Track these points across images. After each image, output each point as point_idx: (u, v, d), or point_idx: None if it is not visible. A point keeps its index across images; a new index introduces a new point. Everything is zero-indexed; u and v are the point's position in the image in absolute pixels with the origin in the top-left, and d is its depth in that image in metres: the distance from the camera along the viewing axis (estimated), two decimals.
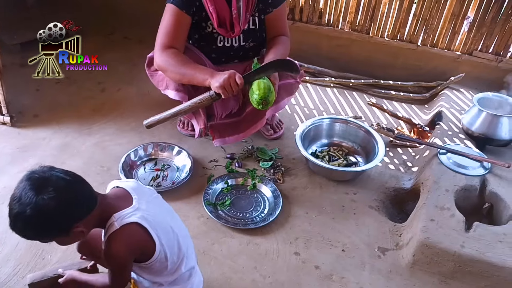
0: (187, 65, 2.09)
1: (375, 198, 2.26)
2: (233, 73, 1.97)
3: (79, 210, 1.27)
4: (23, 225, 1.22)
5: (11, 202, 1.22)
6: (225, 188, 2.25)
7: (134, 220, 1.32)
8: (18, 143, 2.42)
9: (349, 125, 2.56)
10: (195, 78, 2.06)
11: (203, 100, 2.06)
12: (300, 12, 3.20)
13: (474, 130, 2.39)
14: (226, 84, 1.95)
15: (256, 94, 1.97)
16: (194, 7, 2.11)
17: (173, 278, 1.48)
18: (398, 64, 3.17)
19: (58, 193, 1.20)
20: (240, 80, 1.97)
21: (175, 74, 2.11)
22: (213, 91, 2.02)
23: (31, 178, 1.22)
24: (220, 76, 1.96)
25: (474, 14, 2.89)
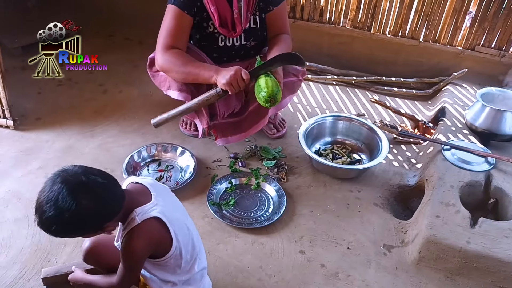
0: (191, 63, 2.09)
1: (379, 196, 2.25)
2: (239, 69, 1.96)
3: (113, 210, 1.29)
4: (57, 227, 1.22)
5: (44, 204, 1.20)
6: (229, 187, 2.24)
7: (154, 215, 1.34)
8: (22, 146, 2.43)
9: (352, 123, 2.55)
10: (200, 76, 2.06)
11: (210, 97, 2.06)
12: (301, 10, 3.19)
13: (478, 125, 2.38)
14: (233, 80, 1.95)
15: (264, 92, 1.95)
16: (195, 7, 2.11)
17: (186, 277, 1.49)
18: (400, 61, 3.15)
19: (95, 197, 1.22)
20: (246, 76, 1.97)
21: (180, 74, 2.10)
22: (219, 88, 2.01)
23: (67, 181, 1.20)
24: (226, 73, 1.96)
25: (475, 9, 2.87)
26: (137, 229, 1.31)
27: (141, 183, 1.44)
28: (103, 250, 1.54)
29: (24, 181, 2.21)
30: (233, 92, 1.99)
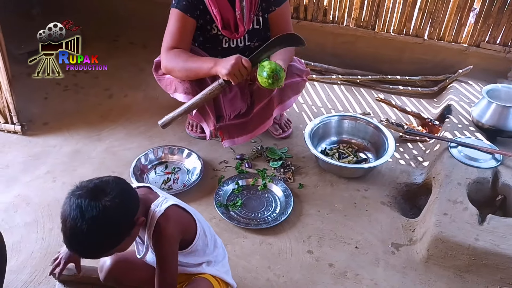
0: (191, 59, 2.09)
1: (386, 194, 2.25)
2: (239, 57, 1.93)
3: (135, 202, 1.30)
4: (96, 241, 1.22)
5: (74, 225, 1.18)
6: (236, 189, 2.25)
7: (172, 203, 1.38)
8: (30, 151, 2.45)
9: (358, 122, 2.55)
10: (201, 69, 2.05)
11: (213, 90, 2.04)
12: (304, 10, 3.20)
13: (484, 122, 2.37)
14: (234, 70, 1.91)
15: (265, 71, 1.89)
16: (198, 10, 2.12)
17: (215, 253, 1.55)
18: (405, 59, 3.15)
19: (115, 195, 1.22)
20: (247, 63, 1.93)
21: (182, 71, 2.10)
22: (221, 79, 1.99)
23: (81, 194, 1.20)
24: (226, 62, 1.93)
25: (480, 5, 2.86)
26: (164, 216, 1.34)
27: (143, 185, 1.47)
28: (125, 267, 1.54)
29: (32, 186, 2.23)
30: (236, 81, 1.95)
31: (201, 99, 2.08)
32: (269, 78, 1.89)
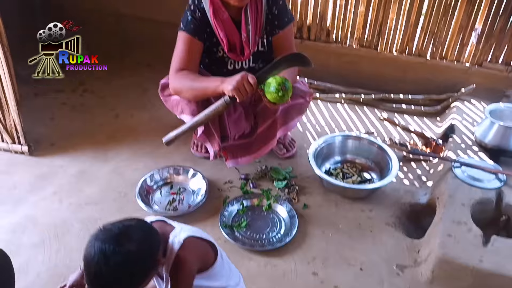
0: (198, 79, 2.12)
1: (391, 215, 2.25)
2: (245, 74, 1.94)
3: (156, 242, 1.33)
4: (122, 278, 1.23)
5: (98, 271, 1.20)
6: (240, 209, 2.26)
7: (189, 234, 1.40)
8: (37, 172, 2.47)
9: (361, 142, 2.57)
10: (208, 88, 2.07)
11: (218, 107, 2.04)
12: (308, 30, 3.24)
13: (487, 142, 2.38)
14: (240, 85, 1.92)
15: (272, 86, 1.91)
16: (205, 33, 2.16)
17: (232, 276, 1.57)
18: (408, 78, 3.17)
19: (137, 235, 1.25)
20: (253, 80, 1.93)
21: (189, 92, 2.13)
22: (227, 96, 1.99)
23: (105, 240, 1.21)
24: (232, 79, 1.95)
25: (481, 25, 2.89)
26: (182, 250, 1.36)
27: (156, 219, 1.49)
28: None
29: (39, 207, 2.26)
30: (241, 98, 1.95)
31: (206, 116, 2.09)
32: (278, 91, 1.90)
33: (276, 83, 1.90)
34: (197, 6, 2.13)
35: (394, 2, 2.97)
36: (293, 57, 2.01)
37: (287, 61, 1.98)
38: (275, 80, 1.91)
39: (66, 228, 2.14)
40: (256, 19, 2.16)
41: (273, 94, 1.92)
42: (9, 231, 2.12)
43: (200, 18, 2.13)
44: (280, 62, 1.97)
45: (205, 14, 2.13)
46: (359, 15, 3.08)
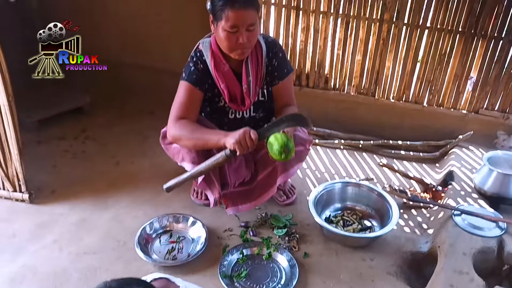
0: (200, 130, 2.16)
1: (392, 263, 2.23)
2: (248, 129, 2.00)
3: None
4: None
5: None
6: (240, 258, 2.24)
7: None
8: (37, 220, 2.47)
9: (361, 188, 2.58)
10: (209, 140, 2.11)
11: (219, 159, 2.08)
12: (306, 78, 3.32)
13: (486, 189, 2.39)
14: (241, 140, 1.97)
15: (275, 145, 1.97)
16: (207, 84, 2.21)
17: None
18: (406, 125, 3.22)
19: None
20: (255, 135, 1.99)
21: (189, 141, 2.16)
22: (228, 150, 2.04)
23: None
24: (235, 133, 2.00)
25: (476, 74, 2.96)
26: None
27: (160, 277, 1.47)
28: None
29: (39, 256, 2.24)
30: (242, 152, 2.00)
31: (207, 167, 2.13)
32: (281, 154, 1.96)
33: (278, 145, 1.96)
34: (199, 59, 2.20)
35: (390, 51, 3.06)
36: (293, 117, 2.07)
37: (288, 120, 2.05)
38: (277, 142, 1.97)
39: (65, 278, 2.12)
40: (257, 71, 2.22)
41: (275, 155, 1.99)
42: (7, 280, 2.09)
43: (202, 69, 2.19)
44: (281, 121, 2.05)
45: (207, 66, 2.19)
46: (356, 64, 3.17)
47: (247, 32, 2.04)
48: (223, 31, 2.04)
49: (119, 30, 3.54)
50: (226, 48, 2.10)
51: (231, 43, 2.05)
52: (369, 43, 3.09)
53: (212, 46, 2.19)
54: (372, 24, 3.03)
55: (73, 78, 2.84)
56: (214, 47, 2.18)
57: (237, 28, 2.01)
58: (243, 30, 2.02)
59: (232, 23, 1.99)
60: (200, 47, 2.22)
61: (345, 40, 3.12)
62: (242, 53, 2.11)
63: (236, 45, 2.05)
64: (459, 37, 2.91)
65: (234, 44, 2.05)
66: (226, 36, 2.04)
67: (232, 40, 2.04)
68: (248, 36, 2.04)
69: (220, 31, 2.05)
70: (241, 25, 2.00)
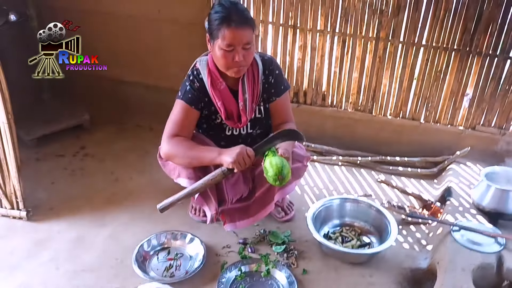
0: (195, 148, 2.17)
1: (392, 280, 2.22)
2: (244, 147, 2.04)
3: None
4: None
5: None
6: (238, 275, 2.23)
7: None
8: (34, 237, 2.45)
9: (359, 205, 2.57)
10: (205, 158, 2.13)
11: (215, 177, 2.10)
12: (304, 95, 3.34)
13: (485, 205, 2.39)
14: (239, 159, 2.00)
15: (270, 171, 2.00)
16: (203, 102, 2.23)
17: None
18: (403, 141, 3.23)
19: None
20: (251, 153, 2.04)
21: (184, 158, 2.17)
22: (224, 167, 2.06)
23: None
24: (232, 152, 2.03)
25: (472, 90, 2.99)
26: None
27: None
28: None
29: (35, 274, 2.22)
30: (239, 169, 2.03)
31: (203, 185, 2.14)
32: (275, 181, 2.00)
33: (273, 172, 1.98)
34: (196, 77, 2.22)
35: (387, 68, 3.09)
36: (288, 132, 2.13)
37: (282, 136, 2.11)
38: (272, 168, 1.99)
39: None
40: (253, 88, 2.24)
41: (269, 179, 2.02)
42: None
43: (199, 88, 2.21)
44: (275, 137, 2.10)
45: (204, 84, 2.21)
46: (353, 81, 3.20)
47: (243, 51, 2.06)
48: (219, 50, 2.06)
49: (119, 47, 3.57)
50: (222, 66, 2.13)
51: (227, 61, 2.08)
52: (366, 61, 3.12)
53: (209, 64, 2.22)
54: (368, 42, 3.06)
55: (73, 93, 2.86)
56: (211, 65, 2.21)
57: (233, 46, 2.04)
58: (239, 48, 2.05)
59: (228, 42, 2.02)
60: (197, 65, 2.25)
61: (342, 58, 3.16)
62: (238, 71, 2.13)
63: (232, 63, 2.08)
64: (454, 54, 2.95)
65: (231, 62, 2.08)
66: (223, 54, 2.06)
67: (229, 58, 2.07)
68: (244, 55, 2.07)
69: (217, 50, 2.07)
70: (237, 44, 2.03)
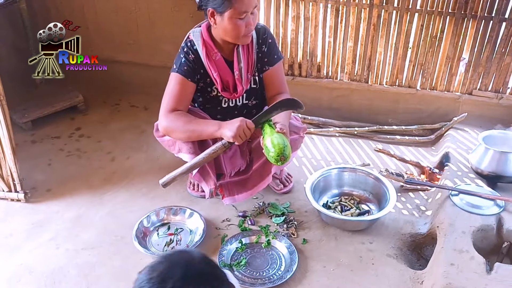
0: (194, 121, 2.15)
1: (392, 246, 2.22)
2: (243, 119, 2.02)
3: None
4: None
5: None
6: (239, 247, 2.24)
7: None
8: (33, 219, 2.45)
9: (358, 174, 2.57)
10: (204, 131, 2.11)
11: (216, 150, 2.09)
12: (299, 67, 3.30)
13: (483, 168, 2.39)
14: (239, 131, 1.99)
15: (272, 152, 1.97)
16: (199, 74, 2.20)
17: None
18: (400, 109, 3.21)
19: None
20: (251, 125, 2.02)
21: (183, 133, 2.14)
22: (225, 140, 2.05)
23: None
24: (232, 125, 2.01)
25: (468, 55, 2.96)
26: None
27: None
28: None
29: (36, 254, 2.22)
30: (240, 142, 2.02)
31: (204, 159, 2.12)
32: (277, 161, 1.98)
33: (275, 153, 1.96)
34: (190, 49, 2.18)
35: (382, 36, 3.05)
36: (286, 102, 2.10)
37: (281, 105, 2.09)
38: (274, 149, 1.96)
39: (62, 275, 2.10)
40: (248, 57, 2.22)
41: (271, 159, 2.00)
42: (4, 280, 2.08)
43: (194, 59, 2.18)
44: (274, 107, 2.08)
45: (199, 56, 2.18)
46: (348, 50, 3.16)
47: (252, 15, 2.07)
48: (231, 21, 2.04)
49: (110, 26, 3.52)
50: (235, 37, 2.10)
51: (240, 30, 2.07)
52: (360, 29, 3.08)
53: (203, 35, 2.18)
54: (362, 9, 3.01)
55: (66, 77, 2.83)
56: (205, 36, 2.17)
57: (247, 13, 2.03)
58: (249, 14, 2.05)
59: (243, 9, 2.01)
60: (191, 37, 2.21)
61: (336, 27, 3.11)
62: (248, 37, 2.14)
63: (246, 30, 2.08)
64: (449, 18, 2.91)
65: (244, 30, 2.07)
66: (236, 24, 2.05)
67: (242, 26, 2.06)
68: (253, 19, 2.09)
69: (227, 22, 2.05)
70: (250, 8, 2.03)
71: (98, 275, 2.10)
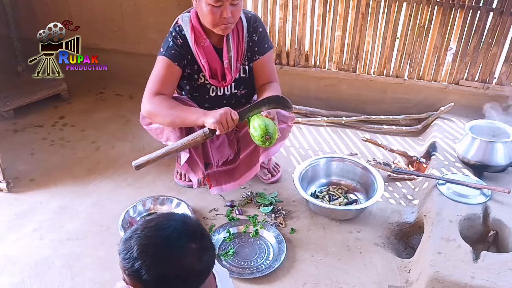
0: (178, 107, 2.10)
1: (379, 235, 2.23)
2: (228, 109, 1.97)
3: None
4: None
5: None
6: (227, 237, 2.22)
7: None
8: (16, 209, 2.40)
9: (345, 163, 2.57)
10: (188, 118, 2.05)
11: (196, 138, 2.02)
12: (287, 56, 3.28)
13: (470, 158, 2.40)
14: (222, 120, 1.93)
15: (256, 134, 1.96)
16: (186, 60, 2.16)
17: None
18: (387, 99, 3.21)
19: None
20: (236, 116, 1.97)
21: (166, 117, 2.08)
22: (206, 128, 1.99)
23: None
24: (216, 112, 1.96)
25: (456, 45, 2.96)
26: None
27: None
28: None
29: (19, 245, 2.17)
30: (222, 131, 1.96)
31: (182, 145, 2.05)
32: (264, 142, 1.97)
33: (259, 134, 1.94)
34: (179, 33, 2.14)
35: (370, 26, 3.04)
36: (275, 99, 2.05)
37: (269, 102, 2.04)
38: (256, 131, 1.95)
39: (47, 266, 2.06)
40: (238, 46, 2.18)
41: (258, 142, 1.98)
42: None
43: (182, 44, 2.13)
44: (263, 102, 2.02)
45: (187, 41, 2.13)
46: (336, 40, 3.14)
47: (232, 7, 1.99)
48: (206, 6, 1.98)
49: (94, 15, 3.44)
50: (209, 23, 2.04)
51: (215, 17, 2.00)
52: (349, 18, 3.06)
53: (192, 20, 2.13)
54: None
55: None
56: (194, 22, 2.13)
57: (222, 2, 1.96)
58: (227, 4, 1.97)
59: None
60: (180, 21, 2.16)
61: (324, 16, 3.09)
62: (226, 28, 2.05)
63: (220, 19, 2.00)
64: (437, 8, 2.91)
65: (218, 19, 2.00)
66: (210, 10, 1.98)
67: (216, 14, 1.99)
68: (232, 11, 2.00)
69: (204, 6, 1.99)
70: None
71: (83, 266, 2.07)
